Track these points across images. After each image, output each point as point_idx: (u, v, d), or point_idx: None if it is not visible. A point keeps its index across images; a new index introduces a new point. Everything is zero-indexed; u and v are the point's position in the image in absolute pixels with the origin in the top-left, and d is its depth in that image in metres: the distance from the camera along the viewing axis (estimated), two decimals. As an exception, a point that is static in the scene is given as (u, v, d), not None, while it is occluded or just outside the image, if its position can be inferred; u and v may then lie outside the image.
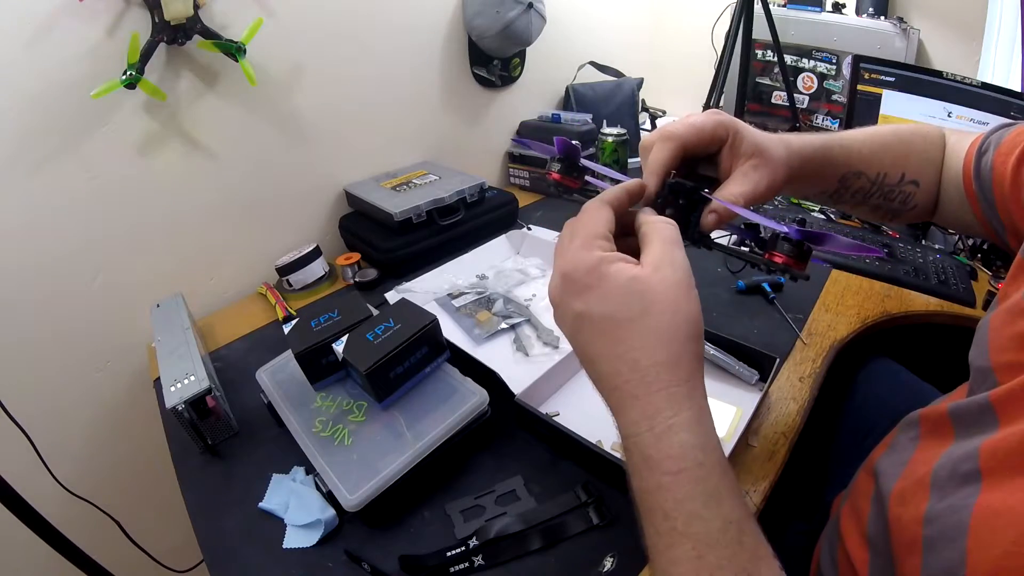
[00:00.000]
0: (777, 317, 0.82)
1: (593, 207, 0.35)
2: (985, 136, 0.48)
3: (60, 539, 0.65)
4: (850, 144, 0.49)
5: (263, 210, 1.00)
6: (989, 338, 0.36)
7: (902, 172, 0.50)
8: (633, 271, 0.31)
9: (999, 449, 0.30)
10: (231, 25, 0.84)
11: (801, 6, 1.44)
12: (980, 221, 0.48)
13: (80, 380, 0.87)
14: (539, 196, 1.35)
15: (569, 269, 0.33)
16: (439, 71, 1.20)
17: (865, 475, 0.46)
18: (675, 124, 0.42)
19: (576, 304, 0.32)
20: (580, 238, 0.33)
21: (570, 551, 0.52)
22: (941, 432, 0.38)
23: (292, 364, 0.66)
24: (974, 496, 0.29)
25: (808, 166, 0.46)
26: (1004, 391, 0.32)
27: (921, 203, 0.52)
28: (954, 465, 0.33)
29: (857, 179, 0.49)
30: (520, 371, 0.67)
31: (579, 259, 0.32)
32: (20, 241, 0.76)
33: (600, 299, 0.31)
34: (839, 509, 0.49)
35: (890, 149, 0.50)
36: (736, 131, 0.42)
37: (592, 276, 0.32)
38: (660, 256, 0.32)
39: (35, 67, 0.71)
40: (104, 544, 0.76)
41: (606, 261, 0.32)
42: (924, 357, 0.82)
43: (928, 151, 0.51)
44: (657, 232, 0.34)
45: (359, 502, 0.51)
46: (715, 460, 0.29)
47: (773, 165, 0.42)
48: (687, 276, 0.32)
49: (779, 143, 0.43)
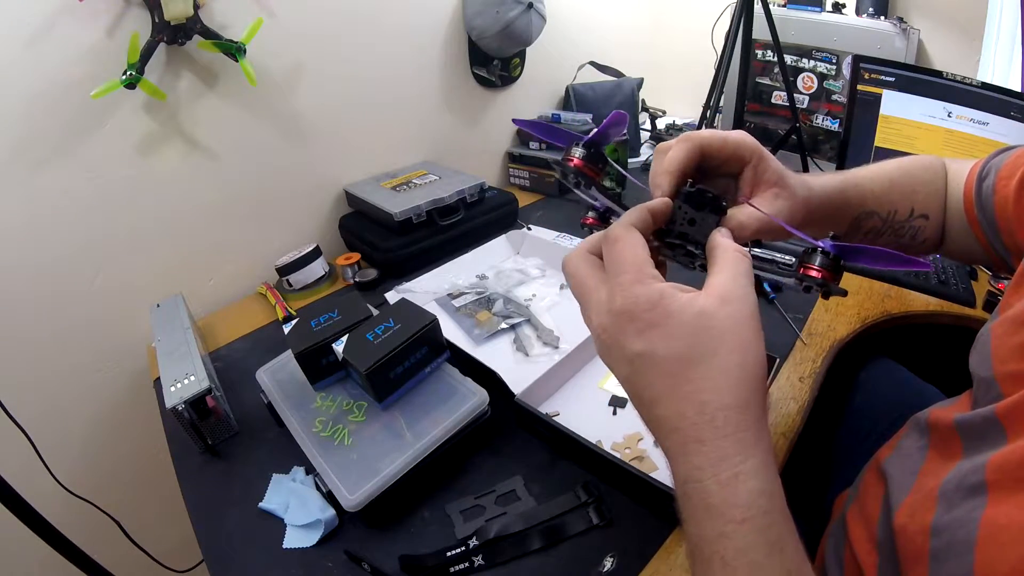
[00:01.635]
0: (777, 317, 0.82)
1: (625, 234, 0.32)
2: (985, 161, 0.47)
3: (60, 539, 0.65)
4: (862, 184, 0.47)
5: (263, 210, 1.00)
6: (992, 347, 0.36)
7: (911, 207, 0.49)
8: (700, 304, 0.29)
9: (1007, 462, 0.30)
10: (231, 25, 0.84)
11: (801, 6, 1.44)
12: (984, 248, 0.47)
13: (80, 380, 0.87)
14: (539, 196, 1.35)
15: (628, 306, 0.29)
16: (439, 71, 1.20)
17: (873, 476, 0.46)
18: (700, 131, 0.40)
19: (636, 344, 0.29)
20: (630, 272, 0.30)
21: (570, 551, 0.52)
22: (950, 445, 0.38)
23: (292, 364, 0.66)
24: (980, 509, 0.29)
25: (825, 209, 0.44)
26: (1010, 404, 0.32)
27: (930, 237, 0.50)
28: (962, 478, 0.33)
29: (869, 219, 0.48)
30: (520, 371, 0.67)
31: (637, 295, 0.29)
32: (20, 241, 0.76)
33: (665, 337, 0.29)
34: (845, 509, 0.49)
35: (897, 185, 0.49)
36: (762, 156, 0.39)
37: (655, 313, 0.29)
38: (730, 288, 0.30)
39: (35, 67, 0.71)
40: (104, 544, 0.76)
41: (668, 295, 0.29)
42: (924, 357, 0.82)
43: (933, 182, 0.50)
44: (730, 260, 0.31)
45: (359, 502, 0.51)
46: (780, 507, 0.27)
47: (794, 201, 0.40)
48: (756, 312, 0.30)
49: (800, 181, 0.41)
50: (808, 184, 0.42)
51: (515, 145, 1.43)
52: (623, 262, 0.31)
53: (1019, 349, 0.33)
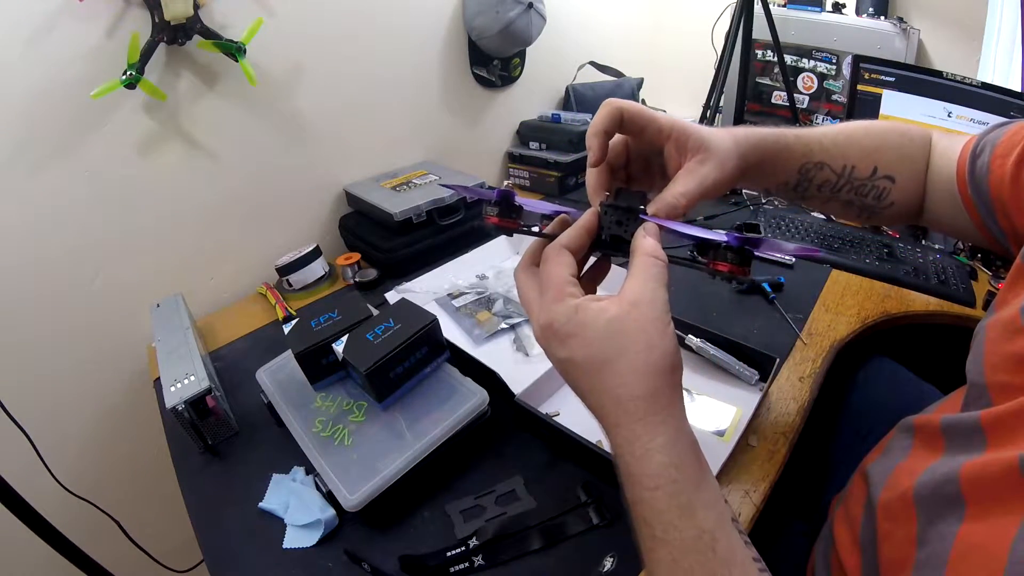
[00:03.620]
0: (777, 317, 0.82)
1: (554, 255, 0.37)
2: (979, 138, 0.46)
3: (60, 539, 0.65)
4: (808, 136, 0.48)
5: (263, 210, 1.00)
6: (985, 352, 0.36)
7: (874, 166, 0.49)
8: (610, 312, 0.33)
9: (982, 476, 0.31)
10: (231, 25, 0.84)
11: (801, 6, 1.44)
12: (978, 226, 0.47)
13: (80, 380, 0.87)
14: (539, 196, 1.35)
15: (549, 321, 0.35)
16: (439, 71, 1.20)
17: (858, 479, 0.46)
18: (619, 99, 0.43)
19: (560, 352, 0.35)
20: (551, 290, 0.35)
21: (570, 551, 0.52)
22: (932, 445, 0.38)
23: (292, 364, 0.66)
24: (957, 524, 0.31)
25: (759, 156, 0.45)
26: (995, 414, 0.33)
27: (899, 201, 0.50)
28: (936, 485, 0.34)
29: (820, 170, 0.48)
30: (520, 371, 0.67)
31: (555, 312, 0.34)
32: (20, 241, 0.76)
33: (582, 345, 0.33)
34: (834, 512, 0.49)
35: (856, 142, 0.49)
36: (682, 128, 0.42)
37: (572, 325, 0.34)
38: (639, 292, 0.33)
39: (35, 67, 0.71)
40: (104, 544, 0.76)
41: (581, 309, 0.34)
42: (924, 357, 0.82)
43: (906, 147, 0.50)
44: (640, 265, 0.35)
45: (359, 502, 0.51)
46: (688, 477, 0.32)
47: (720, 158, 0.42)
48: (663, 313, 0.33)
49: (726, 135, 0.43)
50: (735, 135, 0.44)
51: (515, 145, 1.43)
52: (548, 282, 0.36)
53: (1011, 359, 0.33)
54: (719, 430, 0.63)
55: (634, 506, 0.33)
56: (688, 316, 0.75)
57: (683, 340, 0.72)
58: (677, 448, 0.32)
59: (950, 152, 0.49)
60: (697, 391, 0.69)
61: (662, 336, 0.33)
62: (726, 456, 0.57)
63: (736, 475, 0.57)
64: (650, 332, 0.33)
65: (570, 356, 0.34)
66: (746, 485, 0.56)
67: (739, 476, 0.57)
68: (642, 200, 0.40)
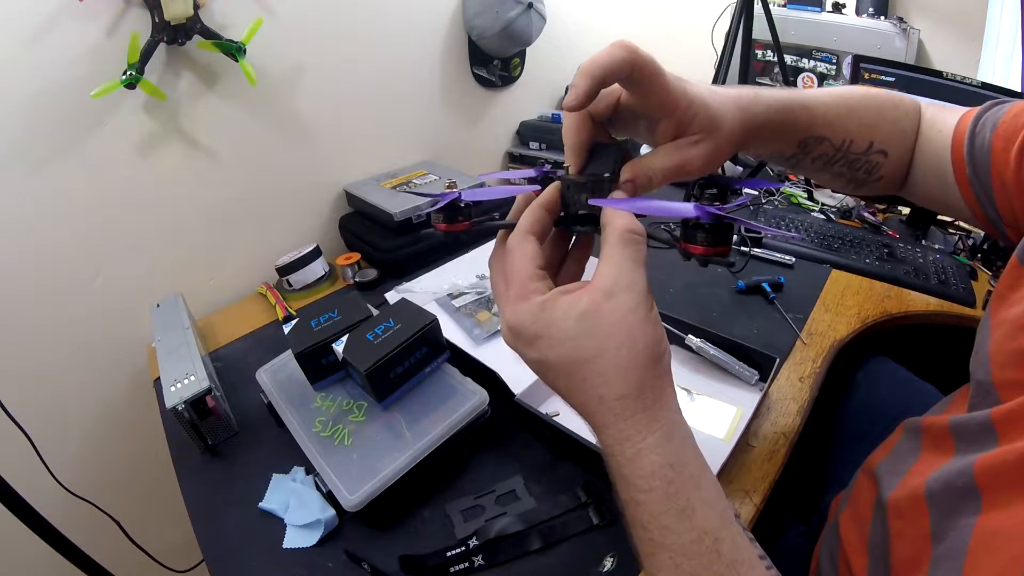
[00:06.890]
0: (777, 317, 0.82)
1: (516, 244, 0.33)
2: (977, 116, 0.43)
3: (60, 539, 0.65)
4: (815, 106, 0.43)
5: (263, 210, 1.00)
6: (990, 351, 0.36)
7: (870, 140, 0.45)
8: (581, 305, 0.30)
9: (996, 465, 0.30)
10: (231, 25, 0.84)
11: (801, 6, 1.44)
12: (970, 204, 0.44)
13: (80, 380, 0.87)
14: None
15: (514, 322, 0.32)
16: (439, 71, 1.20)
17: (866, 479, 0.46)
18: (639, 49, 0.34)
19: (531, 353, 0.32)
20: (515, 286, 0.32)
21: (570, 551, 0.52)
22: (943, 446, 0.38)
23: (292, 364, 0.66)
24: (974, 516, 0.29)
25: (764, 130, 0.41)
26: (1005, 410, 0.32)
27: (888, 175, 0.48)
28: (949, 480, 0.33)
29: (819, 144, 0.44)
30: (520, 371, 0.66)
31: (520, 310, 0.31)
32: (20, 241, 0.76)
33: (553, 345, 0.31)
34: (838, 513, 0.49)
35: (856, 114, 0.45)
36: (692, 108, 0.35)
37: (538, 325, 0.31)
38: (615, 278, 0.30)
39: (35, 67, 0.71)
40: (104, 544, 0.76)
41: (548, 306, 0.31)
42: (924, 357, 0.83)
43: (900, 121, 0.47)
44: (617, 245, 0.31)
45: (359, 502, 0.51)
46: (686, 476, 0.29)
47: (719, 143, 0.37)
48: (644, 299, 0.30)
49: (738, 114, 0.38)
50: (745, 108, 0.39)
51: (515, 145, 1.43)
52: (511, 276, 0.33)
53: (1017, 355, 0.33)
54: (719, 430, 0.63)
55: (628, 508, 0.31)
56: (688, 316, 0.75)
57: (683, 340, 0.72)
58: (671, 445, 0.30)
59: (940, 124, 0.46)
60: (697, 391, 0.69)
61: (643, 325, 0.30)
62: (726, 456, 0.57)
63: (736, 475, 0.57)
64: (631, 324, 0.29)
65: (541, 358, 0.31)
66: (746, 485, 0.56)
67: (739, 476, 0.57)
68: (618, 156, 0.35)
